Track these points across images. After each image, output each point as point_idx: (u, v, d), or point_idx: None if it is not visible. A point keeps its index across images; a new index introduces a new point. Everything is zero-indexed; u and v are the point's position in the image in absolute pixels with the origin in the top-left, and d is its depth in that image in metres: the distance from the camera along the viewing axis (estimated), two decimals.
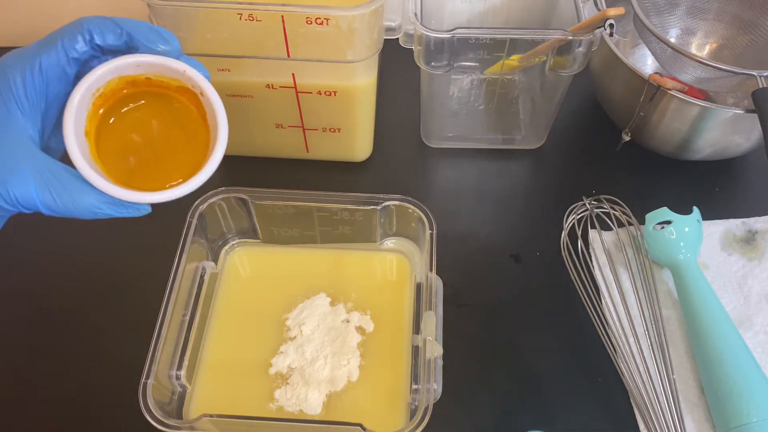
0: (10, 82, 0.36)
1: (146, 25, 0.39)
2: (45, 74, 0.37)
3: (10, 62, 0.37)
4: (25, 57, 0.37)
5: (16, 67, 0.37)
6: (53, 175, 0.37)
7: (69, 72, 0.38)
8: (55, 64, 0.37)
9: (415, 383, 0.50)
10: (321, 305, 0.57)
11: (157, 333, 0.49)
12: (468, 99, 0.73)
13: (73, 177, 0.37)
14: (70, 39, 0.37)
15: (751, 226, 0.65)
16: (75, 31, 0.37)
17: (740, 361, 0.52)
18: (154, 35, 0.39)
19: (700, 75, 0.61)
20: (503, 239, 0.65)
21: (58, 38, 0.37)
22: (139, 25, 0.39)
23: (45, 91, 0.37)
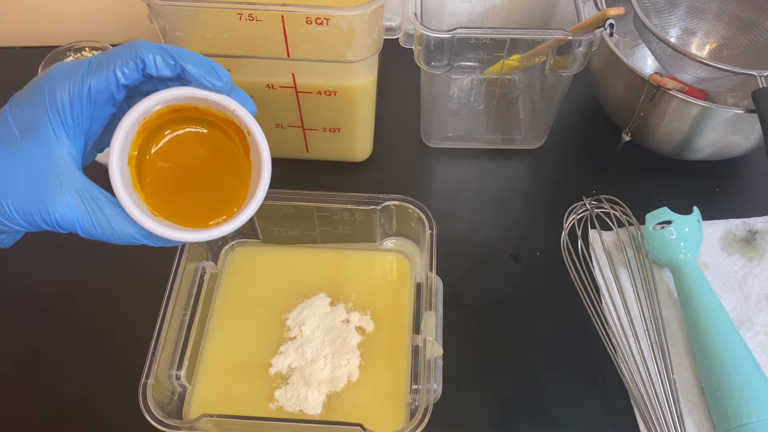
0: (58, 103, 0.36)
1: (201, 60, 0.38)
2: (93, 98, 0.36)
3: (58, 81, 0.36)
4: (74, 78, 0.36)
5: (65, 88, 0.36)
6: (95, 202, 0.37)
7: (117, 97, 0.37)
8: (105, 88, 0.36)
9: (415, 383, 0.50)
10: (321, 305, 0.57)
11: (157, 333, 0.49)
12: (468, 99, 0.73)
13: (113, 204, 0.37)
14: (123, 66, 0.36)
15: (752, 226, 0.65)
16: (128, 59, 0.36)
17: (740, 361, 0.52)
18: (208, 71, 0.38)
19: (700, 75, 0.61)
20: (503, 239, 0.65)
21: (110, 63, 0.36)
22: (194, 59, 0.38)
23: (91, 114, 0.37)
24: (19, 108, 0.36)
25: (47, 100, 0.36)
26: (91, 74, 0.36)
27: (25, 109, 0.36)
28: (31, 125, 0.36)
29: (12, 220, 0.36)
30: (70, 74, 0.36)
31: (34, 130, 0.36)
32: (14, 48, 0.82)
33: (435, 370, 0.48)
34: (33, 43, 0.81)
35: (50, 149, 0.36)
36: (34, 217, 0.36)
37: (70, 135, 0.37)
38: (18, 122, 0.36)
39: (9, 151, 0.36)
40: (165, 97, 0.38)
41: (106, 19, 0.81)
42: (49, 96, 0.36)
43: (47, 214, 0.36)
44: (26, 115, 0.36)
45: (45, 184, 0.36)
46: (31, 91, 0.37)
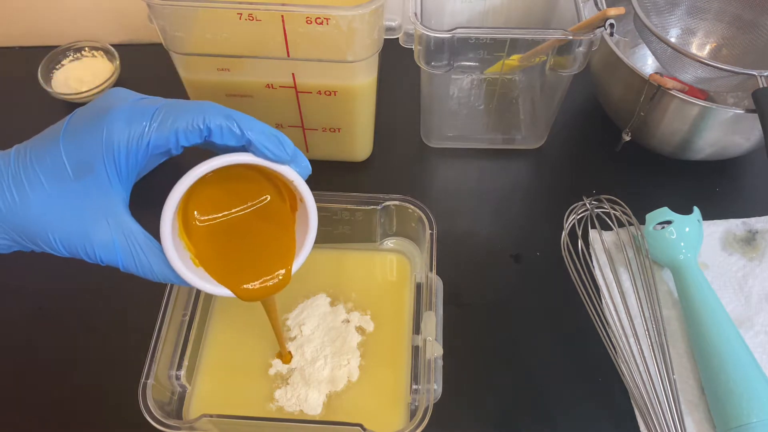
0: (114, 151, 0.36)
1: (266, 131, 0.38)
2: (150, 151, 0.37)
3: (117, 128, 0.36)
4: (135, 129, 0.36)
5: (123, 137, 0.36)
6: (140, 247, 0.38)
7: (174, 153, 0.38)
8: (163, 145, 0.36)
9: (415, 383, 0.50)
10: (321, 305, 0.57)
11: (157, 333, 0.49)
12: (468, 99, 0.73)
13: (157, 251, 0.38)
14: (186, 131, 0.36)
15: (752, 226, 0.65)
16: (194, 122, 0.36)
17: (741, 361, 0.52)
18: (273, 143, 0.38)
19: (701, 75, 0.61)
20: (503, 239, 0.65)
21: (175, 124, 0.36)
22: (260, 129, 0.38)
23: (145, 162, 0.37)
24: (74, 145, 0.36)
25: (104, 145, 0.36)
26: (153, 129, 0.36)
27: (81, 148, 0.36)
28: (85, 166, 0.36)
29: (54, 249, 0.37)
30: (131, 123, 0.36)
31: (88, 171, 0.36)
32: (14, 48, 0.82)
33: (435, 370, 0.48)
34: (33, 43, 0.81)
35: (102, 192, 0.37)
36: (78, 250, 0.37)
37: (122, 179, 0.37)
38: (72, 160, 0.36)
39: (60, 187, 0.36)
40: (227, 161, 0.38)
41: (106, 19, 0.81)
42: (107, 141, 0.36)
43: (92, 251, 0.37)
44: (81, 154, 0.36)
45: (94, 224, 0.37)
46: (89, 128, 0.36)
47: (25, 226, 0.36)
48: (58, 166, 0.36)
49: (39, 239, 0.37)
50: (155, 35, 0.56)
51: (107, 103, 0.37)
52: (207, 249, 0.42)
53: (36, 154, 0.36)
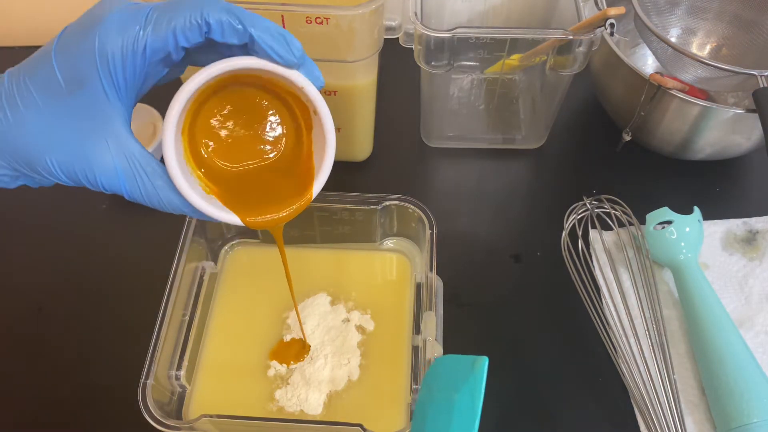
0: (109, 60, 0.32)
1: (272, 28, 0.34)
2: (148, 58, 0.33)
3: (111, 34, 0.32)
4: (129, 33, 0.32)
5: (118, 43, 0.32)
6: (143, 170, 0.35)
7: (174, 58, 0.34)
8: (161, 49, 0.33)
9: (415, 383, 0.50)
10: (321, 304, 0.57)
11: (156, 333, 0.49)
12: (468, 99, 0.73)
13: (163, 174, 0.35)
14: (184, 28, 0.33)
15: (752, 226, 0.65)
16: (192, 18, 0.33)
17: (741, 361, 0.52)
18: (279, 42, 0.34)
19: (701, 74, 0.61)
20: (503, 239, 0.65)
21: (171, 23, 0.32)
22: (264, 26, 0.34)
23: (144, 73, 0.34)
24: (66, 56, 0.33)
25: (98, 54, 0.32)
26: (148, 33, 0.32)
27: (73, 59, 0.33)
28: (79, 80, 0.33)
29: (54, 175, 0.34)
30: (125, 27, 0.32)
31: (83, 86, 0.33)
32: (14, 48, 0.82)
33: None
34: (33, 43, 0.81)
35: (99, 109, 0.33)
36: (79, 176, 0.34)
37: (120, 94, 0.34)
38: (64, 73, 0.33)
39: (55, 104, 0.33)
40: (227, 66, 0.34)
41: None
42: (100, 50, 0.32)
43: (93, 176, 0.34)
44: (74, 66, 0.33)
45: (93, 145, 0.34)
46: (81, 37, 0.33)
47: (23, 148, 0.34)
48: (50, 81, 0.33)
49: (37, 164, 0.34)
50: None
51: (99, 11, 0.33)
52: (220, 177, 0.39)
53: (28, 71, 0.34)
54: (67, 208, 0.67)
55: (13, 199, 0.68)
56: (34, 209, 0.67)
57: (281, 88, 0.38)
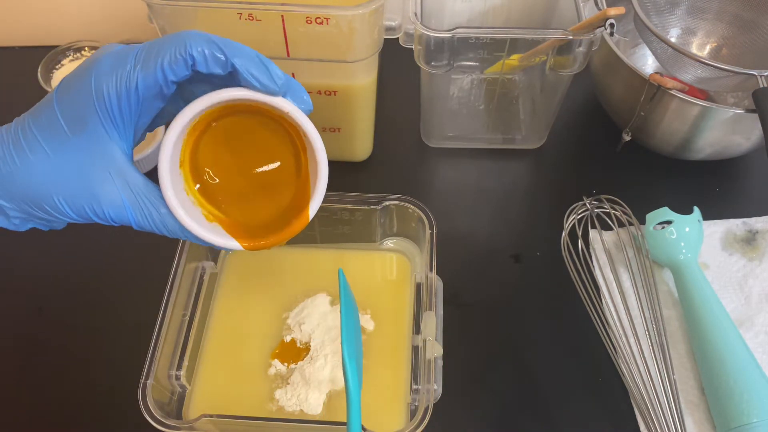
0: (105, 98, 0.35)
1: (252, 56, 0.35)
2: (141, 94, 0.35)
3: (104, 73, 0.35)
4: (121, 71, 0.34)
5: (111, 82, 0.34)
6: (147, 199, 0.37)
7: (166, 92, 0.36)
8: (152, 84, 0.35)
9: (415, 383, 0.50)
10: (321, 304, 0.57)
11: (156, 333, 0.49)
12: (468, 99, 0.73)
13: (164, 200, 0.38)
14: (171, 63, 0.34)
15: (752, 226, 0.65)
16: (177, 53, 0.34)
17: (741, 361, 0.52)
18: (260, 71, 0.35)
19: (701, 75, 0.61)
20: (503, 239, 0.65)
21: (158, 58, 0.34)
22: (246, 56, 0.35)
23: (139, 108, 0.36)
24: (66, 100, 0.35)
25: (94, 94, 0.35)
26: (138, 69, 0.34)
27: (73, 103, 0.35)
28: (80, 120, 0.35)
29: (63, 213, 0.36)
30: (116, 67, 0.35)
31: (83, 125, 0.35)
32: (14, 48, 0.82)
33: (435, 370, 0.48)
34: (33, 43, 0.81)
35: (100, 145, 0.36)
36: (87, 211, 0.36)
37: (119, 130, 0.36)
38: (66, 116, 0.35)
39: (59, 146, 0.35)
40: (215, 99, 0.36)
41: (106, 18, 0.81)
42: (96, 90, 0.35)
43: (101, 210, 0.36)
44: (74, 108, 0.35)
45: (97, 180, 0.36)
46: (78, 82, 0.35)
47: (31, 190, 0.36)
48: (54, 125, 0.35)
49: (45, 204, 0.36)
50: (155, 35, 0.56)
51: (93, 57, 0.36)
52: (222, 204, 0.41)
53: (33, 117, 0.36)
54: None
55: None
56: None
57: (274, 113, 0.39)
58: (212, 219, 0.40)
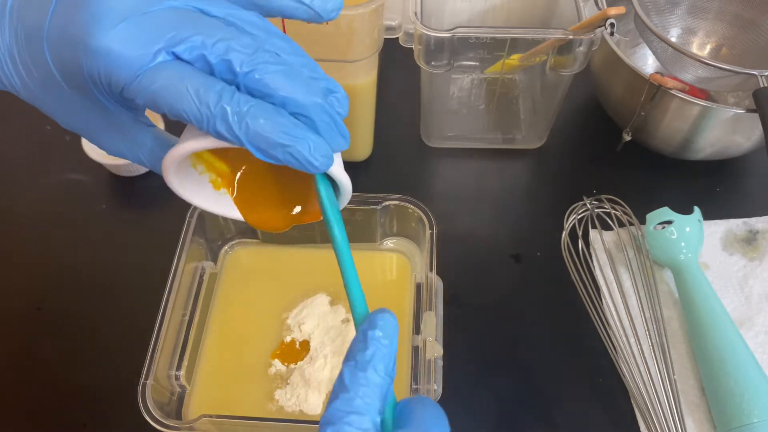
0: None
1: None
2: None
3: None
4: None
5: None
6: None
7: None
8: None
9: (415, 384, 0.50)
10: (321, 304, 0.57)
11: (156, 333, 0.49)
12: (468, 98, 0.73)
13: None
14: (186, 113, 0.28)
15: (752, 225, 0.65)
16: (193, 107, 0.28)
17: (741, 361, 0.52)
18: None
19: (701, 74, 0.61)
20: (503, 239, 0.65)
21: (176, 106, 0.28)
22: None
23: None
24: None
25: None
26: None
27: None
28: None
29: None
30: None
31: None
32: None
33: (435, 370, 0.48)
34: None
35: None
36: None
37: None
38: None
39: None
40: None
41: None
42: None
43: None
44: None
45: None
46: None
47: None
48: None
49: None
50: None
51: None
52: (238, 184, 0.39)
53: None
54: (66, 208, 0.67)
55: (13, 199, 0.68)
56: (33, 209, 0.67)
57: None
58: (218, 186, 0.38)
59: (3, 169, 0.70)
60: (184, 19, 0.27)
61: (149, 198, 0.68)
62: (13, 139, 0.73)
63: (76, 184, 0.68)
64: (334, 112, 0.30)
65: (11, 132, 0.73)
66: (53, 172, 0.69)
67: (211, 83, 0.27)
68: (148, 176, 0.68)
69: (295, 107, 0.28)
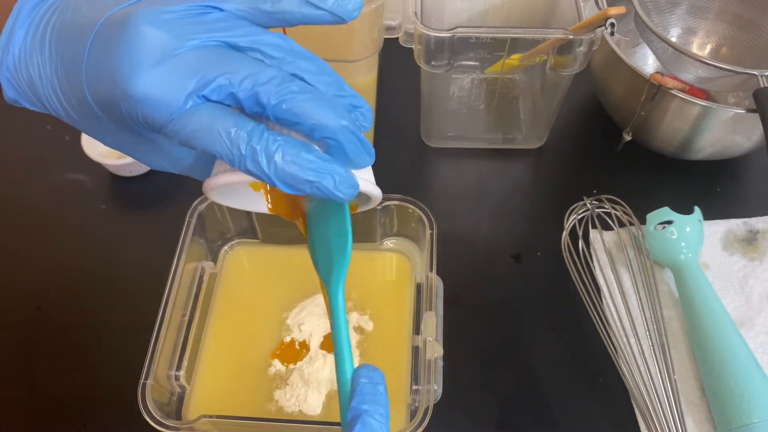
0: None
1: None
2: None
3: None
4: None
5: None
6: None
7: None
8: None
9: (415, 384, 0.50)
10: (320, 305, 0.57)
11: (156, 333, 0.49)
12: (468, 98, 0.73)
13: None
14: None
15: (753, 225, 0.65)
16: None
17: (741, 361, 0.52)
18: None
19: (702, 74, 0.61)
20: (504, 239, 0.65)
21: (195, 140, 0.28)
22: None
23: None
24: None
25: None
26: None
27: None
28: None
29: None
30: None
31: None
32: None
33: (435, 370, 0.48)
34: None
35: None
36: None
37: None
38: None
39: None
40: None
41: None
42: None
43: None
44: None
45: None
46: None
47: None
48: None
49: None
50: None
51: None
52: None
53: None
54: (66, 208, 0.67)
55: (12, 199, 0.68)
56: (33, 209, 0.67)
57: None
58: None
59: (3, 169, 0.70)
60: (210, 58, 0.28)
61: (149, 198, 0.68)
62: (13, 139, 0.73)
63: (76, 184, 0.68)
64: (358, 128, 0.31)
65: (11, 132, 0.73)
66: (53, 172, 0.69)
67: (241, 124, 0.28)
68: (148, 176, 0.68)
69: (323, 132, 0.29)
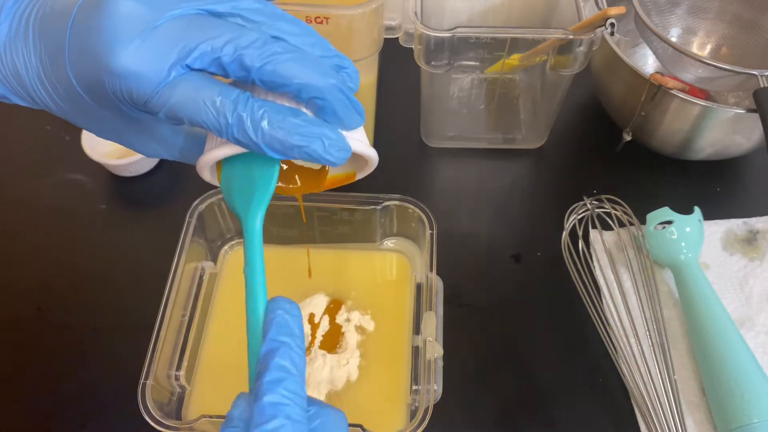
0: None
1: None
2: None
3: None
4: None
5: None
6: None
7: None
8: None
9: (415, 384, 0.50)
10: (320, 305, 0.57)
11: (156, 333, 0.49)
12: (468, 98, 0.73)
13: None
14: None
15: (753, 225, 0.65)
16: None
17: (741, 361, 0.52)
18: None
19: (702, 74, 0.61)
20: (504, 239, 0.65)
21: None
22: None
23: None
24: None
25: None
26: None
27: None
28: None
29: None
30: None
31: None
32: None
33: (435, 370, 0.48)
34: None
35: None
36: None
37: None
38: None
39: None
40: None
41: None
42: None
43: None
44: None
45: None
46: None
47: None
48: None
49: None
50: None
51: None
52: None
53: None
54: (66, 208, 0.67)
55: (12, 199, 0.68)
56: (33, 209, 0.67)
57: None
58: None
59: (3, 169, 0.70)
60: (191, 26, 0.28)
61: (149, 198, 0.68)
62: (13, 139, 0.73)
63: (76, 184, 0.68)
64: (346, 88, 0.31)
65: (11, 132, 0.73)
66: (53, 172, 0.69)
67: (226, 92, 0.28)
68: (148, 176, 0.68)
69: (310, 92, 0.28)
